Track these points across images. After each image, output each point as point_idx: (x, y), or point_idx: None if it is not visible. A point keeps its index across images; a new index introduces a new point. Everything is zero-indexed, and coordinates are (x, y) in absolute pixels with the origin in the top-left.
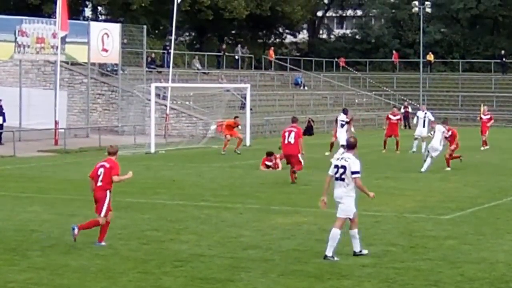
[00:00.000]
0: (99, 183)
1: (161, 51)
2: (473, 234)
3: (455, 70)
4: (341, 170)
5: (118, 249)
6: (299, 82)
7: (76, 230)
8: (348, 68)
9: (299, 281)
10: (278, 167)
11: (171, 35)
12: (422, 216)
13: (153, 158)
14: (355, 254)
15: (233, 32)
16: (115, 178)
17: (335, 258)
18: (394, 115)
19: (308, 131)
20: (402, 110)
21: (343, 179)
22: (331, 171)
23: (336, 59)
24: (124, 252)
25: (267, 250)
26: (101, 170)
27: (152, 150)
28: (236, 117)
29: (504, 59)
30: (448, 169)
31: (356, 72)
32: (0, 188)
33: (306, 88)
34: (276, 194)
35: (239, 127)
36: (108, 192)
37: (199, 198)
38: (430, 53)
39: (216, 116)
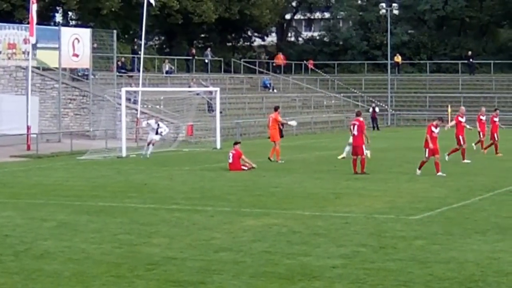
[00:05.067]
0: None
1: (131, 55)
2: (442, 234)
3: (423, 71)
4: None
5: (91, 253)
6: (268, 85)
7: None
8: (317, 70)
9: (270, 282)
10: (250, 167)
11: (141, 40)
12: (391, 216)
13: (124, 162)
14: None
15: (202, 35)
16: None
17: None
18: (483, 115)
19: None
20: (371, 110)
21: None
22: None
23: (304, 62)
24: (97, 256)
25: (238, 252)
26: None
27: (124, 154)
28: (277, 107)
29: (471, 60)
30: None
31: (325, 74)
32: None
33: (275, 90)
34: (246, 196)
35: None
36: None
37: (170, 201)
38: (397, 54)
39: (186, 119)
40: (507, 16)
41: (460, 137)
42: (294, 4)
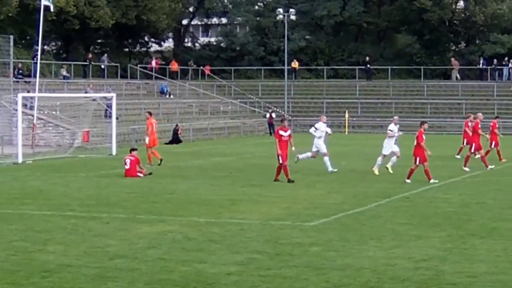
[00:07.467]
0: None
1: (29, 61)
2: (338, 240)
3: (320, 77)
4: None
5: None
6: (165, 91)
7: None
8: (214, 76)
9: None
10: (146, 173)
11: (38, 45)
12: (287, 223)
13: (20, 168)
14: None
15: (99, 41)
16: None
17: None
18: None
19: (176, 139)
20: (267, 116)
21: None
22: None
23: (201, 67)
24: None
25: (134, 259)
26: None
27: (20, 160)
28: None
29: (368, 66)
30: None
31: (221, 80)
32: None
33: (171, 96)
34: (142, 203)
35: None
36: None
37: (66, 208)
38: (294, 60)
39: (82, 125)
40: (404, 22)
41: (474, 144)
42: (191, 9)
